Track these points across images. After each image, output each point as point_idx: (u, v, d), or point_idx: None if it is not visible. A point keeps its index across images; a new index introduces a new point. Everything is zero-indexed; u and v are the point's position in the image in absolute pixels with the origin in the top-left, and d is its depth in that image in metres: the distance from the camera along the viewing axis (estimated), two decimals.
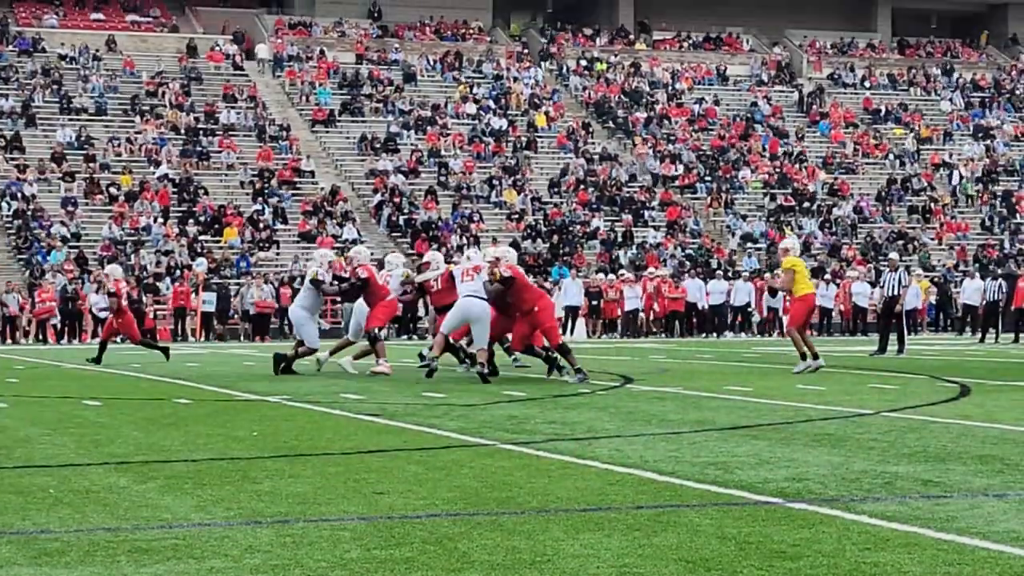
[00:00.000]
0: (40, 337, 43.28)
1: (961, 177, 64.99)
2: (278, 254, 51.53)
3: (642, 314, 46.57)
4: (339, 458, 10.48)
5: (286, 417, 14.19)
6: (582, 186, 59.58)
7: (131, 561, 6.56)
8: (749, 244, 56.88)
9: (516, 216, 56.24)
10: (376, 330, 21.44)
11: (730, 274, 50.80)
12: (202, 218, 52.67)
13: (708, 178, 62.13)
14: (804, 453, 10.49)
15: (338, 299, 24.38)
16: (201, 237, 51.25)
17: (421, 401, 16.03)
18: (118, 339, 27.84)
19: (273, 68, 66.25)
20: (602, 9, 79.29)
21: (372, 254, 29.82)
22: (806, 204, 61.02)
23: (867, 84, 74.00)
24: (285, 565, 6.44)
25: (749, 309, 47.23)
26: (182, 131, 58.91)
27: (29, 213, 50.77)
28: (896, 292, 29.78)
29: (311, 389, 18.29)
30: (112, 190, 53.56)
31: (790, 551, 6.66)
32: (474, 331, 19.58)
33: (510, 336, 20.30)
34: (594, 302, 45.94)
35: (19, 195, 51.72)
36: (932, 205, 62.51)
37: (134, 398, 17.32)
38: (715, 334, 46.12)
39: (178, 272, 47.27)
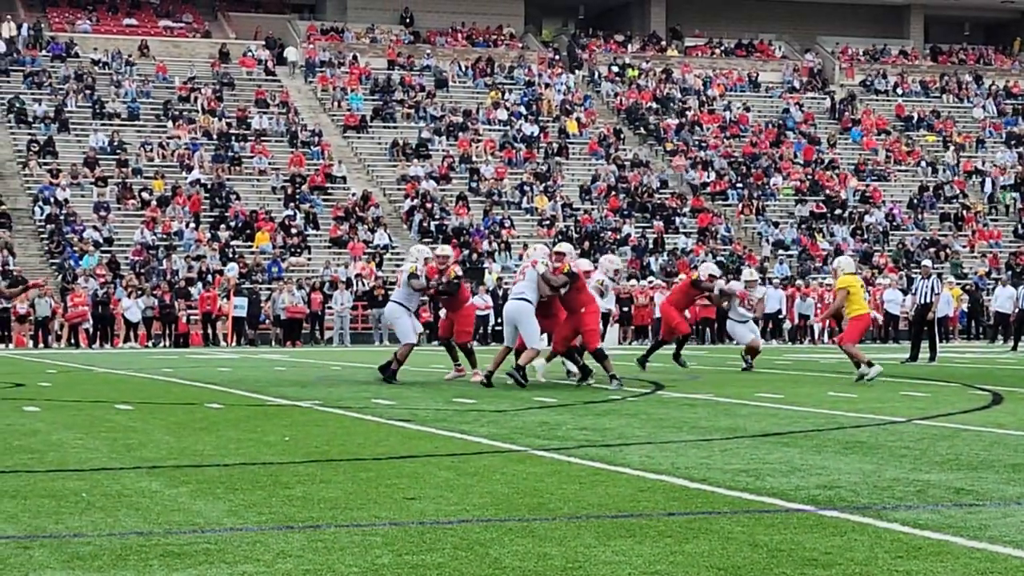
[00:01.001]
0: (72, 341, 43.41)
1: (995, 185, 64.74)
2: (309, 259, 51.60)
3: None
4: (370, 463, 10.49)
5: (317, 422, 14.20)
6: (613, 192, 59.54)
7: (163, 565, 6.59)
8: (780, 251, 56.76)
9: (547, 222, 56.23)
10: (469, 343, 21.40)
11: (761, 281, 50.65)
12: (234, 223, 52.79)
13: (739, 185, 62.02)
14: (836, 461, 10.46)
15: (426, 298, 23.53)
16: (233, 242, 51.37)
17: (452, 407, 16.03)
18: (150, 343, 27.89)
19: (305, 74, 66.39)
20: (634, 15, 79.23)
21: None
22: (838, 211, 60.88)
23: (899, 91, 73.80)
24: (317, 570, 6.45)
25: (780, 316, 47.11)
26: (214, 136, 59.07)
27: (62, 218, 50.96)
28: (928, 300, 29.69)
29: (342, 395, 18.30)
30: (144, 195, 53.73)
31: (822, 559, 6.64)
32: (522, 332, 19.44)
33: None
34: (625, 308, 45.87)
35: (52, 200, 51.91)
36: (964, 212, 62.29)
37: (165, 402, 17.35)
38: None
39: (209, 277, 47.38)
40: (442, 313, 23.76)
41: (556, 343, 19.87)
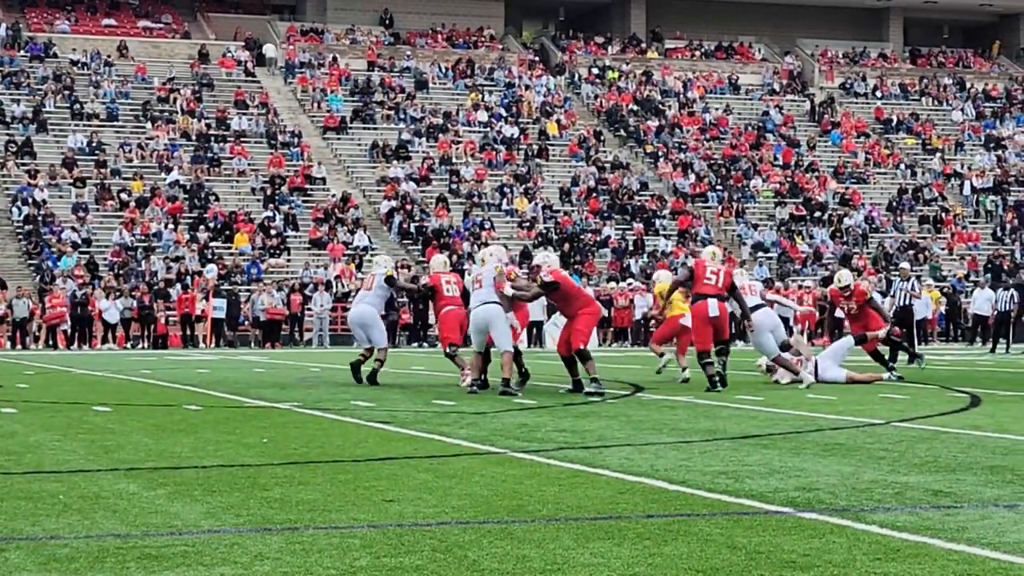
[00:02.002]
0: (50, 342, 43.33)
1: (975, 190, 64.92)
2: (289, 261, 51.56)
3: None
4: (349, 465, 10.48)
5: (296, 424, 14.18)
6: (593, 194, 59.60)
7: (140, 568, 6.56)
8: (760, 253, 56.86)
9: (527, 224, 56.27)
10: (452, 347, 20.93)
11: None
12: (213, 224, 52.73)
13: (719, 187, 62.12)
14: (814, 463, 10.47)
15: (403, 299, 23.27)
16: (212, 243, 51.31)
17: (431, 409, 16.02)
18: (129, 345, 27.81)
19: (285, 75, 66.35)
20: (614, 17, 79.29)
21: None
22: (817, 213, 61.01)
23: (879, 94, 74.00)
24: (295, 572, 6.44)
25: None
26: (193, 137, 58.99)
27: (40, 218, 50.84)
28: (907, 302, 29.76)
29: (321, 396, 18.29)
30: (123, 196, 53.63)
31: (800, 561, 6.64)
32: (494, 335, 19.18)
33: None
34: (604, 311, 45.87)
35: (30, 200, 51.80)
36: (943, 215, 62.46)
37: (144, 404, 17.31)
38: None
39: (188, 278, 47.30)
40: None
41: (560, 345, 19.58)
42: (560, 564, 6.57)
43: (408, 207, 55.97)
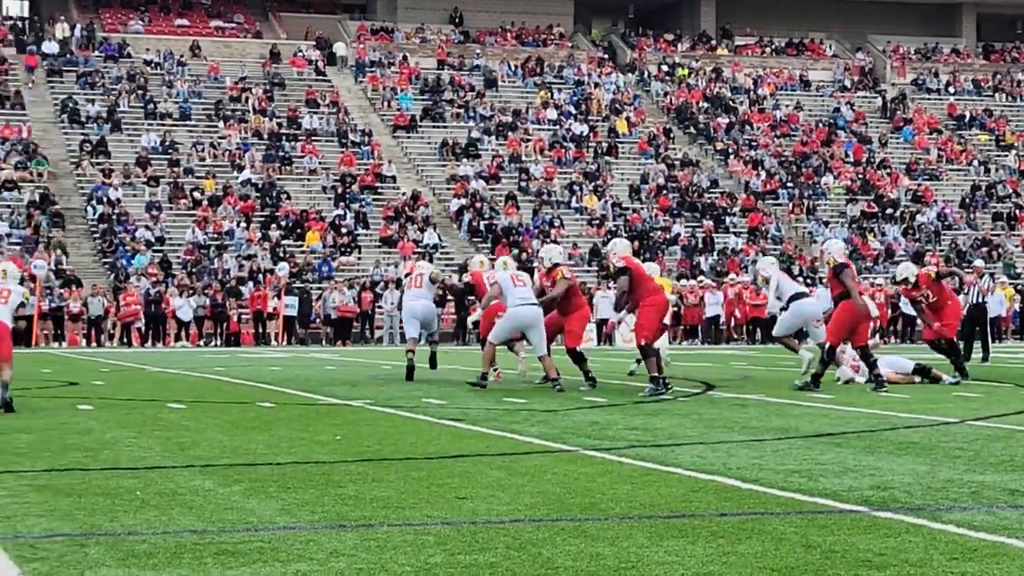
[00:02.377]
0: (124, 340, 43.66)
1: None
2: (359, 259, 51.71)
3: (723, 321, 46.34)
4: (422, 463, 10.52)
5: (368, 422, 14.24)
6: (663, 192, 59.46)
7: (217, 563, 6.62)
8: None
9: (596, 222, 56.20)
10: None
11: (811, 281, 50.49)
12: (284, 223, 52.99)
13: (790, 184, 61.82)
14: (889, 462, 10.42)
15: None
16: (283, 242, 51.55)
17: (502, 407, 16.04)
18: (202, 342, 27.92)
19: (355, 73, 66.56)
20: (684, 15, 79.06)
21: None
22: (889, 211, 60.57)
23: (951, 90, 73.36)
24: (370, 569, 6.47)
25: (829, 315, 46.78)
26: (265, 136, 59.28)
27: (114, 217, 51.27)
28: (981, 299, 29.52)
29: (392, 394, 18.34)
30: (196, 194, 54.00)
31: (876, 560, 6.62)
32: (535, 338, 19.38)
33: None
34: (674, 308, 45.69)
35: (104, 199, 52.22)
36: (1017, 212, 61.88)
37: (218, 401, 17.44)
38: (796, 340, 45.83)
39: (260, 276, 47.55)
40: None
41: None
42: (634, 562, 6.58)
43: (477, 205, 56.02)
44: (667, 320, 21.10)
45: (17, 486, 9.25)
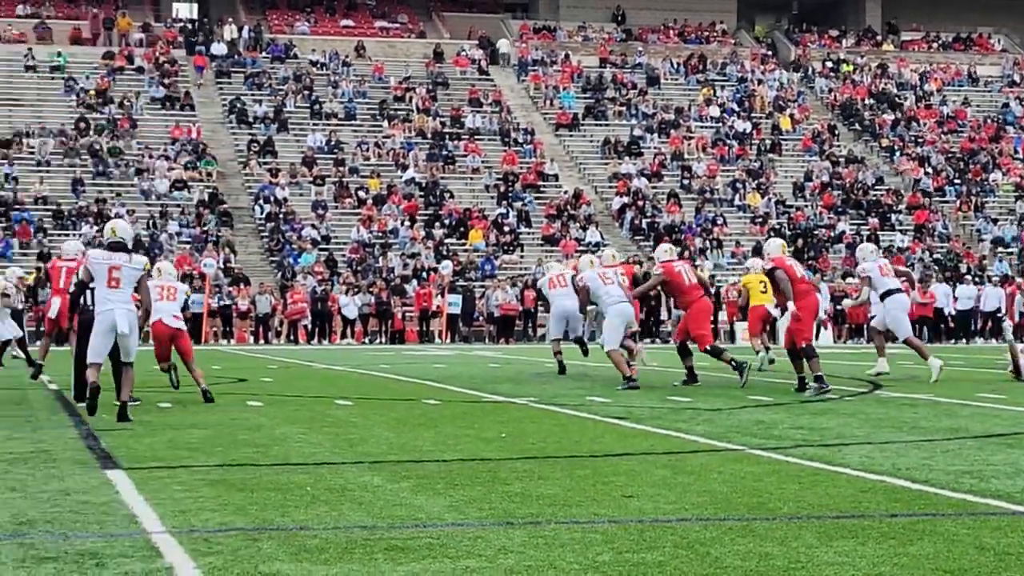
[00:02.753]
0: (291, 337, 44.26)
1: None
2: (522, 257, 51.89)
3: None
4: (587, 461, 10.54)
5: (533, 419, 14.29)
6: (827, 189, 58.88)
7: (388, 559, 6.70)
8: (1000, 248, 55.55)
9: (760, 219, 55.81)
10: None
11: (979, 279, 49.69)
12: (448, 221, 53.35)
13: (957, 181, 60.86)
14: None
15: None
16: (447, 240, 51.91)
17: (667, 405, 16.01)
18: (367, 340, 28.14)
19: (518, 72, 66.78)
20: (848, 10, 78.23)
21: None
22: None
23: None
24: (538, 566, 6.50)
25: (999, 315, 46.09)
26: (428, 135, 59.73)
27: (281, 216, 52.02)
28: None
29: (556, 392, 18.39)
30: (360, 194, 54.58)
31: None
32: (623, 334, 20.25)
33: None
34: (839, 307, 45.26)
35: (272, 198, 53.01)
36: None
37: (384, 398, 17.62)
38: (964, 340, 45.22)
39: (424, 274, 47.92)
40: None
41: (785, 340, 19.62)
42: (804, 563, 6.54)
43: (640, 203, 55.94)
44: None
45: (191, 480, 9.44)
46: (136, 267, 14.40)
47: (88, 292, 15.01)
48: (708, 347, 19.41)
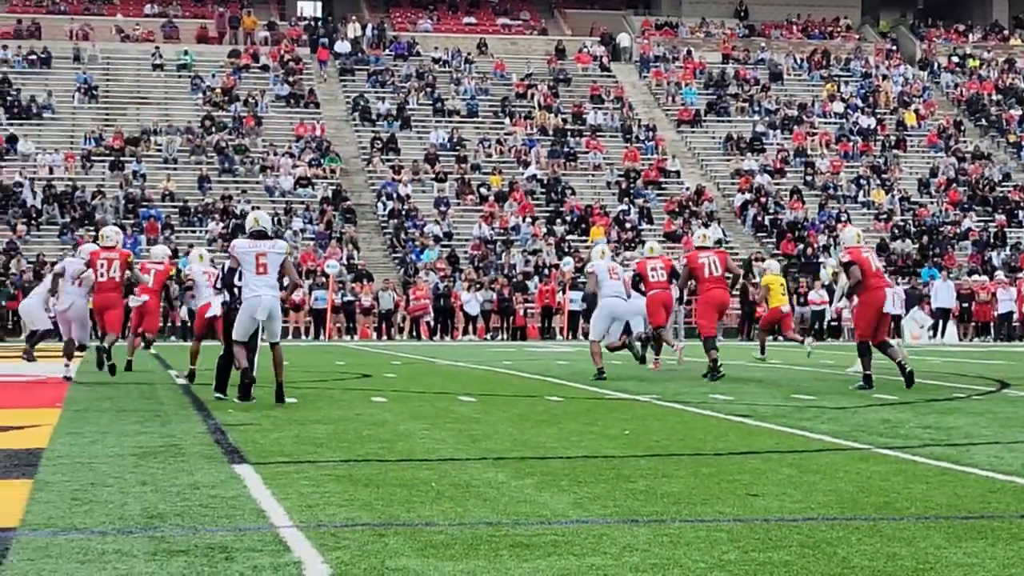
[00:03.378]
0: (414, 333, 44.49)
1: None
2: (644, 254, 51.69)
3: (1016, 317, 45.13)
4: (711, 459, 10.50)
5: (656, 416, 14.26)
6: (953, 185, 58.16)
7: (513, 556, 6.72)
8: None
9: (884, 216, 55.26)
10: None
11: None
12: (569, 218, 53.37)
13: None
14: None
15: None
16: (568, 237, 51.93)
17: (791, 403, 15.91)
18: (488, 336, 28.28)
19: (639, 68, 66.67)
20: (975, 5, 77.23)
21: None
22: None
23: None
24: (664, 564, 6.50)
25: None
26: (550, 132, 59.80)
27: (404, 213, 52.33)
28: None
29: (679, 389, 18.33)
30: (482, 190, 54.77)
31: None
32: (612, 328, 21.31)
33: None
34: (965, 304, 44.75)
35: (394, 195, 53.35)
36: None
37: (507, 395, 17.66)
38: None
39: (546, 271, 47.98)
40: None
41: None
42: (932, 563, 6.48)
43: (762, 200, 55.61)
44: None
45: (318, 475, 9.52)
46: (279, 252, 15.82)
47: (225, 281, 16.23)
48: (704, 337, 20.44)
